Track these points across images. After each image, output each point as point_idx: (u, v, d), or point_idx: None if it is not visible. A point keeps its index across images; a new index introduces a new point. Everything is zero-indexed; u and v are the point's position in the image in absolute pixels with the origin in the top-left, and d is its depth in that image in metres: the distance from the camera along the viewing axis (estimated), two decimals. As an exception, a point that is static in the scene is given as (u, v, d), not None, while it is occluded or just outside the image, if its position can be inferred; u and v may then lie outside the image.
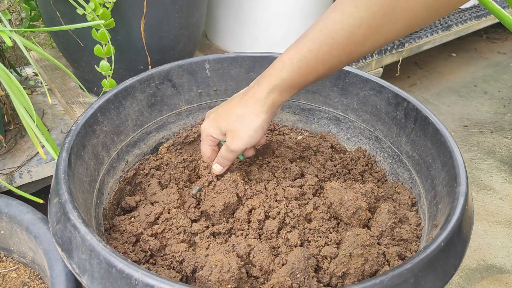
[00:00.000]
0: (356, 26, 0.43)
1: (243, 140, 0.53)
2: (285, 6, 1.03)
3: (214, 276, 0.45)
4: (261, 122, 0.52)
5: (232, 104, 0.54)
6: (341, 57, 0.46)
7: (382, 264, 0.50)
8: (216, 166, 0.58)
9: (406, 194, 0.61)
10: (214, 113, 0.57)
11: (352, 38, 0.44)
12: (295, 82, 0.49)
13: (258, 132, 0.53)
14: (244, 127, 0.53)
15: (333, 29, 0.44)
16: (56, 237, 0.45)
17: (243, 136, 0.53)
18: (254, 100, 0.52)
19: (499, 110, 1.47)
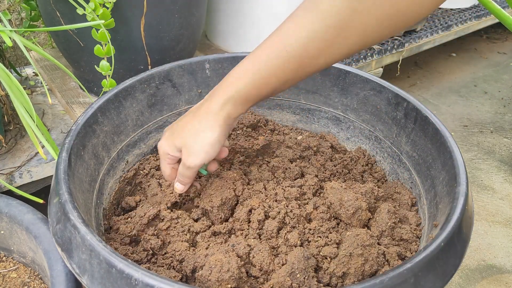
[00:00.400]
0: (310, 39, 0.43)
1: (200, 156, 0.51)
2: (285, 5, 1.03)
3: (214, 276, 0.45)
4: (217, 135, 0.50)
5: (186, 120, 0.53)
6: (295, 71, 0.45)
7: (382, 264, 0.50)
8: (178, 185, 0.56)
9: (406, 194, 0.61)
10: (169, 130, 0.55)
11: (306, 51, 0.43)
12: (250, 95, 0.48)
13: (214, 146, 0.51)
14: (198, 142, 0.51)
15: (287, 42, 0.44)
16: (56, 237, 0.45)
17: (199, 151, 0.51)
18: (208, 114, 0.50)
19: (499, 110, 1.47)
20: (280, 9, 1.03)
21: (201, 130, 0.50)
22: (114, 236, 0.54)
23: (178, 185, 0.56)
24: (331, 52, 0.43)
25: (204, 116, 0.50)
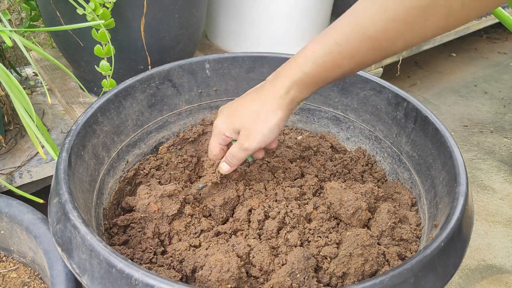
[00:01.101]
0: (390, 20, 0.40)
1: (258, 139, 0.49)
2: (285, 6, 1.03)
3: (214, 275, 0.45)
4: (278, 120, 0.48)
5: (248, 100, 0.51)
6: (370, 53, 0.43)
7: (382, 264, 0.50)
8: (224, 166, 0.54)
9: (406, 194, 0.61)
10: (227, 109, 0.53)
11: (384, 33, 0.41)
12: (318, 77, 0.45)
13: (274, 131, 0.49)
14: (259, 125, 0.49)
15: (363, 23, 0.41)
16: (56, 237, 0.45)
17: (258, 134, 0.49)
18: (271, 96, 0.48)
19: (499, 110, 1.46)
20: (280, 9, 1.03)
21: (262, 113, 0.49)
22: (114, 235, 0.54)
23: (225, 166, 0.54)
24: (411, 35, 0.41)
25: (267, 98, 0.48)
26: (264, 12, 1.03)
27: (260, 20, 1.05)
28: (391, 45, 0.42)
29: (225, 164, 0.55)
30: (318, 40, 0.45)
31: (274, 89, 0.48)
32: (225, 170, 0.55)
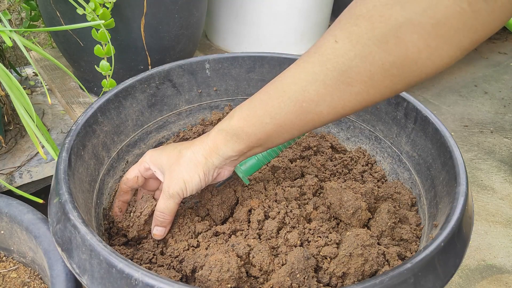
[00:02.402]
0: (309, 81, 0.39)
1: (179, 183, 0.48)
2: (285, 6, 1.03)
3: (214, 275, 0.45)
4: (198, 165, 0.48)
5: (180, 143, 0.52)
6: (294, 115, 0.42)
7: (382, 264, 0.50)
8: (157, 229, 0.53)
9: (406, 194, 0.61)
10: (162, 147, 0.54)
11: (304, 94, 0.40)
12: (241, 131, 0.45)
13: (193, 178, 0.48)
14: (181, 167, 0.48)
15: (285, 82, 0.42)
16: (56, 237, 0.45)
17: (179, 177, 0.48)
18: (199, 140, 0.49)
19: (499, 110, 1.46)
20: (280, 9, 1.03)
21: (186, 154, 0.49)
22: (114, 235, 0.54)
23: (158, 229, 0.53)
24: (332, 100, 0.39)
25: (196, 142, 0.49)
26: (264, 12, 1.03)
27: (260, 20, 1.05)
28: (314, 109, 0.41)
29: (157, 228, 0.53)
30: (246, 101, 0.46)
31: (204, 135, 0.49)
32: (160, 233, 0.53)
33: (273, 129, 0.44)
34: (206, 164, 0.48)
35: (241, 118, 0.45)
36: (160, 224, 0.52)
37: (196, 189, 0.50)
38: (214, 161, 0.48)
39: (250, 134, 0.45)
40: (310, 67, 0.40)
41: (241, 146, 0.46)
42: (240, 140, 0.46)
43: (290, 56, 0.70)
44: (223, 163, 0.49)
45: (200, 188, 0.50)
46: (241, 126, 0.45)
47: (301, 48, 1.12)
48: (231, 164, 0.50)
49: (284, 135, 0.44)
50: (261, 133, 0.44)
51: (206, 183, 0.50)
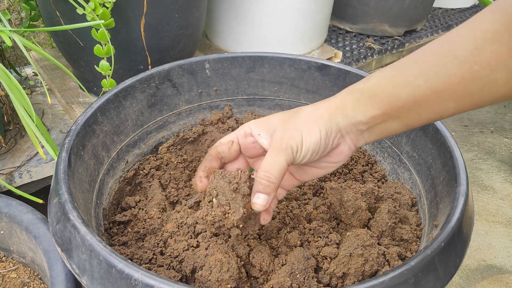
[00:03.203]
0: (487, 40, 0.32)
1: (294, 135, 0.39)
2: (285, 6, 1.03)
3: (214, 275, 0.45)
4: (319, 120, 0.39)
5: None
6: (455, 78, 0.33)
7: (382, 265, 0.50)
8: (259, 198, 0.40)
9: (406, 194, 0.61)
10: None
11: (478, 54, 0.32)
12: (381, 91, 0.37)
13: (312, 131, 0.39)
14: (299, 120, 0.40)
15: (451, 41, 0.34)
16: (56, 237, 0.44)
17: (296, 129, 0.39)
18: (323, 100, 0.41)
19: (499, 110, 1.46)
20: (280, 8, 1.03)
21: (305, 114, 0.40)
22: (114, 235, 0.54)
23: (260, 197, 0.40)
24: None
25: (318, 104, 0.40)
26: (264, 12, 1.03)
27: (260, 20, 1.05)
28: (489, 75, 0.33)
29: (258, 195, 0.40)
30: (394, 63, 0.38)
31: (330, 98, 0.41)
32: (262, 202, 0.40)
33: (426, 95, 0.35)
34: (330, 121, 0.39)
35: (382, 78, 0.37)
36: (263, 189, 0.40)
37: (312, 149, 0.39)
38: (339, 120, 0.39)
39: (392, 96, 0.36)
40: (488, 24, 0.32)
41: (375, 111, 0.38)
42: (377, 103, 0.37)
43: (290, 56, 0.70)
44: (348, 128, 0.39)
45: (317, 150, 0.40)
46: (381, 85, 0.37)
47: (301, 48, 1.12)
48: (356, 136, 0.40)
49: (436, 107, 0.35)
50: (407, 98, 0.36)
51: (325, 148, 0.40)
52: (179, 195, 0.63)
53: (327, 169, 0.44)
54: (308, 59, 0.69)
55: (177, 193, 0.63)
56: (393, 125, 0.38)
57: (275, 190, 0.40)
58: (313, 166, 0.44)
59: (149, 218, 0.57)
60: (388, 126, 0.39)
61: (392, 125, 0.38)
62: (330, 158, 0.42)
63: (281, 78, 0.72)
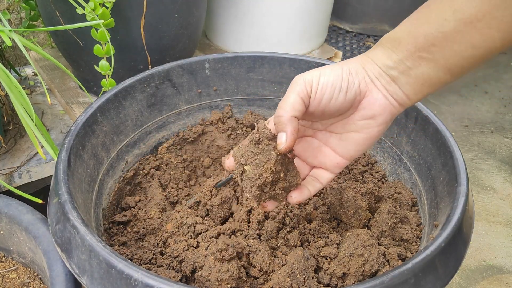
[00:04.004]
0: None
1: (311, 72, 0.37)
2: (285, 5, 1.03)
3: (214, 275, 0.45)
4: (346, 62, 0.38)
5: None
6: (487, 6, 0.30)
7: (382, 265, 0.50)
8: (278, 137, 0.38)
9: (406, 194, 0.61)
10: None
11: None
12: (406, 34, 0.35)
13: (333, 68, 0.37)
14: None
15: None
16: (55, 237, 0.44)
17: (315, 69, 0.38)
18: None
19: (499, 110, 1.46)
20: (280, 8, 1.03)
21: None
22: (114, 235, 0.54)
23: (279, 136, 0.38)
24: None
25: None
26: (264, 11, 1.03)
27: (260, 20, 1.05)
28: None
29: (278, 135, 0.38)
30: None
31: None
32: (280, 141, 0.38)
33: (455, 29, 0.32)
34: (355, 63, 0.38)
35: (408, 20, 0.36)
36: (278, 127, 0.37)
37: (332, 84, 0.37)
38: (367, 67, 0.38)
39: (418, 36, 0.34)
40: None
41: (401, 53, 0.35)
42: (403, 45, 0.35)
43: (290, 56, 0.70)
44: (375, 71, 0.37)
45: (338, 87, 0.37)
46: (407, 27, 0.35)
47: (301, 48, 1.12)
48: (388, 83, 0.37)
49: (470, 39, 0.32)
50: (435, 33, 0.33)
51: (349, 88, 0.37)
52: (179, 195, 0.63)
53: (367, 129, 0.39)
54: (308, 59, 0.69)
55: (177, 193, 0.63)
56: (429, 69, 0.35)
57: (290, 124, 0.37)
58: (350, 127, 0.40)
59: (149, 218, 0.57)
60: (424, 71, 0.35)
61: (428, 69, 0.35)
62: (364, 110, 0.38)
63: (281, 78, 0.71)
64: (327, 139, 0.43)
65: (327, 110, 0.39)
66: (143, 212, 0.58)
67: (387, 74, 0.37)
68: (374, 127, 0.39)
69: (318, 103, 0.38)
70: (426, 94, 0.37)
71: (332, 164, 0.43)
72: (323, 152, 0.43)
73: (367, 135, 0.40)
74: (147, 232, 0.56)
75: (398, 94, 0.38)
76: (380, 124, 0.39)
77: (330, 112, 0.39)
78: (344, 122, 0.41)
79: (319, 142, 0.44)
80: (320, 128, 0.43)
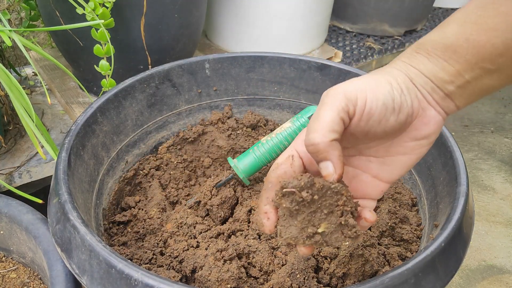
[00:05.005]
0: None
1: (350, 84, 0.31)
2: (285, 5, 1.03)
3: (214, 275, 0.45)
4: (389, 73, 0.32)
5: None
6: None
7: (382, 265, 0.50)
8: (322, 165, 0.31)
9: (406, 194, 0.60)
10: None
11: None
12: (464, 41, 0.29)
13: (378, 82, 0.31)
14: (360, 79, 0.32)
15: None
16: (55, 237, 0.44)
17: (353, 82, 0.32)
18: (385, 67, 0.33)
19: (499, 110, 1.46)
20: (280, 8, 1.03)
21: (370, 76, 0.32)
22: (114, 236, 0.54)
23: (322, 165, 0.31)
24: None
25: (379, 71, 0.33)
26: (264, 11, 1.03)
27: (260, 20, 1.05)
28: None
29: (321, 164, 0.31)
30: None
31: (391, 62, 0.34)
32: (328, 171, 0.31)
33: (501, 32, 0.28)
34: (404, 80, 0.32)
35: (459, 26, 0.30)
36: (315, 155, 0.31)
37: (380, 106, 0.30)
38: (417, 81, 0.32)
39: (481, 43, 0.29)
40: None
41: (459, 64, 0.30)
42: (460, 54, 0.30)
43: (290, 56, 0.70)
44: (427, 87, 0.32)
45: (390, 106, 0.30)
46: (461, 35, 0.29)
47: (301, 48, 1.12)
48: (442, 99, 0.32)
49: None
50: (507, 42, 0.28)
51: (402, 107, 0.31)
52: (179, 195, 0.63)
53: (418, 150, 0.34)
54: (308, 59, 0.69)
55: (177, 193, 0.63)
56: (490, 81, 0.30)
57: (332, 149, 0.30)
58: (396, 150, 0.34)
59: (149, 218, 0.57)
60: (484, 83, 0.30)
61: (490, 81, 0.30)
62: (417, 131, 0.33)
63: (281, 78, 0.71)
64: (366, 165, 0.36)
65: (372, 133, 0.32)
66: (143, 212, 0.58)
67: (440, 89, 0.31)
68: (426, 146, 0.34)
69: (364, 126, 0.31)
70: (476, 101, 0.33)
71: (377, 192, 0.37)
72: (363, 181, 0.36)
73: (417, 156, 0.34)
74: (147, 232, 0.56)
75: (450, 107, 0.33)
76: (433, 141, 0.34)
77: (374, 135, 0.33)
78: (388, 145, 0.34)
79: (354, 170, 0.37)
80: (355, 154, 0.36)
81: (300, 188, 0.30)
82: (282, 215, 0.32)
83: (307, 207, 0.31)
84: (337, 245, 0.32)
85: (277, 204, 0.32)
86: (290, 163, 0.34)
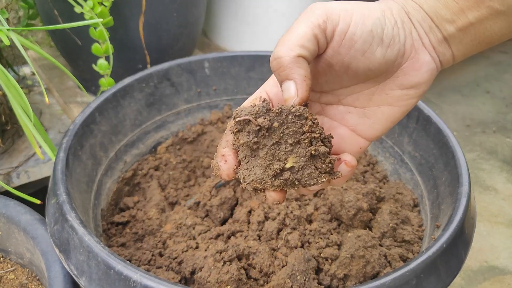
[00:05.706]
0: None
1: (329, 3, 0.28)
2: (285, 4, 1.02)
3: (213, 277, 0.44)
4: (377, 5, 0.28)
5: None
6: None
7: (383, 266, 0.49)
8: (288, 87, 0.28)
9: (408, 195, 0.60)
10: None
11: None
12: None
13: (361, 10, 0.28)
14: None
15: None
16: (53, 238, 0.44)
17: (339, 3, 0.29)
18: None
19: (501, 109, 1.46)
20: (279, 7, 1.03)
21: None
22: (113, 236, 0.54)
23: (284, 85, 0.29)
24: None
25: None
26: (264, 11, 1.03)
27: (260, 19, 1.04)
28: None
29: (283, 84, 0.28)
30: None
31: None
32: (288, 89, 0.28)
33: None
34: (399, 11, 0.28)
35: None
36: (278, 71, 0.29)
37: (367, 32, 0.27)
38: (413, 15, 0.28)
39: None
40: None
41: (466, 2, 0.27)
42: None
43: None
44: (425, 25, 0.28)
45: (378, 35, 0.27)
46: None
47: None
48: (438, 42, 0.28)
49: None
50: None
51: (389, 49, 0.27)
52: (178, 195, 0.63)
53: (405, 101, 0.30)
54: (309, 58, 0.68)
55: (176, 194, 0.63)
56: (495, 25, 0.27)
57: (297, 66, 0.27)
58: (380, 99, 0.30)
59: (147, 218, 0.57)
60: (488, 27, 0.27)
61: (495, 25, 0.27)
62: (405, 77, 0.29)
63: (281, 77, 0.71)
64: (344, 117, 0.32)
65: (353, 69, 0.28)
66: (142, 213, 0.58)
67: (439, 29, 0.28)
68: (413, 98, 0.30)
69: (344, 54, 0.27)
70: (474, 53, 0.29)
71: (355, 150, 0.32)
72: (339, 134, 0.32)
73: (403, 109, 0.30)
74: (146, 233, 0.55)
75: (446, 55, 0.29)
76: (422, 93, 0.30)
77: (356, 73, 0.29)
78: (371, 92, 0.30)
79: (330, 120, 0.33)
80: (332, 102, 0.32)
81: (255, 114, 0.27)
82: (243, 157, 0.28)
83: (268, 138, 0.27)
84: (313, 183, 0.28)
85: (236, 146, 0.28)
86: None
